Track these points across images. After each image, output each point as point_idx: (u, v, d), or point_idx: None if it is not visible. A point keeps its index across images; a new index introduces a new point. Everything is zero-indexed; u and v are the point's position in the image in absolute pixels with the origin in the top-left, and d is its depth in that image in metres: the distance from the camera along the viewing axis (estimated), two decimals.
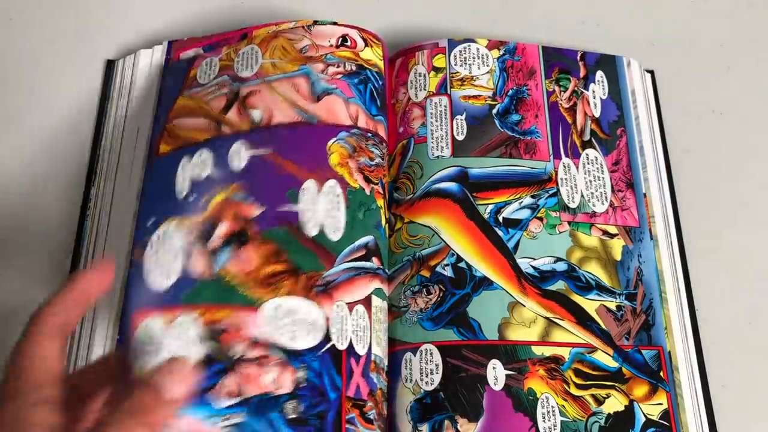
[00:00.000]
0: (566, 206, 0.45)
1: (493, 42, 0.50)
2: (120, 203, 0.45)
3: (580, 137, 0.48)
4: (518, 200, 0.45)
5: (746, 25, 0.57)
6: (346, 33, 0.47)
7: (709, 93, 0.54)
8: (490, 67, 0.49)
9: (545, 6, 0.57)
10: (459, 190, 0.45)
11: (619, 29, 0.56)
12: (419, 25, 0.55)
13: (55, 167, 0.48)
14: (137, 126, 0.47)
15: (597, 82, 0.50)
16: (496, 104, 0.48)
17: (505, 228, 0.44)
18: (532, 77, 0.49)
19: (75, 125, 0.49)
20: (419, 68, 0.49)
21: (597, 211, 0.46)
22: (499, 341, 0.41)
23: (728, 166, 0.51)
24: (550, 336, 0.42)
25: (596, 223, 0.45)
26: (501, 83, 0.49)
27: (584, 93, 0.49)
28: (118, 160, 0.47)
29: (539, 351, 0.41)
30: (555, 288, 0.43)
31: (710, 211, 0.50)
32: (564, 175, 0.46)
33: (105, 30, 0.53)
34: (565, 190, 0.46)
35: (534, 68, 0.49)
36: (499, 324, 0.42)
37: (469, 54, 0.49)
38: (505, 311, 0.42)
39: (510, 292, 0.42)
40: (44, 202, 0.47)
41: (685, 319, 0.45)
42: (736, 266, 0.48)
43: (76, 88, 0.50)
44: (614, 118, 0.49)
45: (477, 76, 0.48)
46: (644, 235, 0.46)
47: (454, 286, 0.43)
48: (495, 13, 0.56)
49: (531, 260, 0.44)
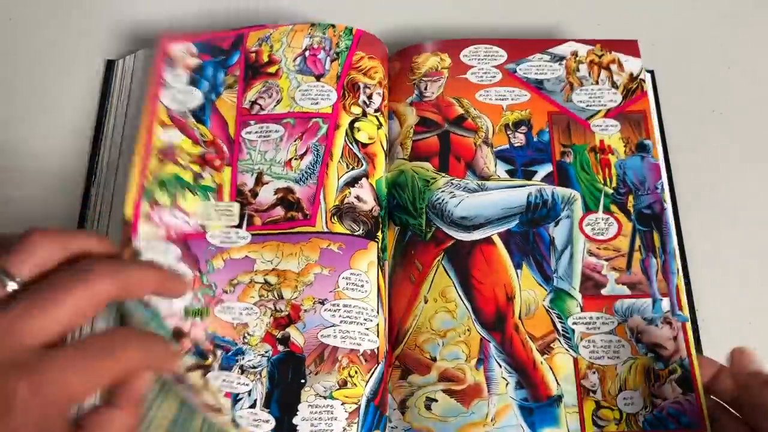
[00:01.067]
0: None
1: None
2: (120, 203, 0.45)
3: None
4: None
5: (746, 25, 0.57)
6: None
7: (709, 93, 0.54)
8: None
9: (545, 6, 0.57)
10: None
11: (619, 29, 0.56)
12: (419, 26, 0.55)
13: (55, 167, 0.48)
14: (137, 126, 0.47)
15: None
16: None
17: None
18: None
19: (75, 125, 0.49)
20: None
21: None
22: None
23: (728, 166, 0.51)
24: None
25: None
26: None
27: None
28: (118, 160, 0.47)
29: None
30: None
31: (710, 211, 0.50)
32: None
33: (105, 30, 0.53)
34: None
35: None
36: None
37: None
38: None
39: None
40: (44, 202, 0.47)
41: None
42: (736, 266, 0.48)
43: (76, 88, 0.51)
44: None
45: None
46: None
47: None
48: (495, 14, 0.56)
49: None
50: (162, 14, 0.54)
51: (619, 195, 0.45)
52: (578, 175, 0.45)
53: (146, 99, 0.44)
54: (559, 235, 0.44)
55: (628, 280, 0.42)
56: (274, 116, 0.45)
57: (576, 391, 0.40)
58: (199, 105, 0.45)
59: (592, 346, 0.41)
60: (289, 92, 0.46)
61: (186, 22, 0.54)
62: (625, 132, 0.46)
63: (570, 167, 0.46)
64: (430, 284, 0.43)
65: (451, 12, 0.56)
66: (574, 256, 0.43)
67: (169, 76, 0.45)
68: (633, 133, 0.47)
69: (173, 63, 0.46)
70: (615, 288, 0.42)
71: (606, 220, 0.44)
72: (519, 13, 0.56)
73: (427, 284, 0.43)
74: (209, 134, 0.44)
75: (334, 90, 0.46)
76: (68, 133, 0.49)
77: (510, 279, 0.43)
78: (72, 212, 0.46)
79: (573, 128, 0.47)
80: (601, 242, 0.43)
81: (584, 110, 0.47)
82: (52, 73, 0.51)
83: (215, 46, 0.47)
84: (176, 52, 0.46)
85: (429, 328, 0.41)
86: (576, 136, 0.47)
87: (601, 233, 0.44)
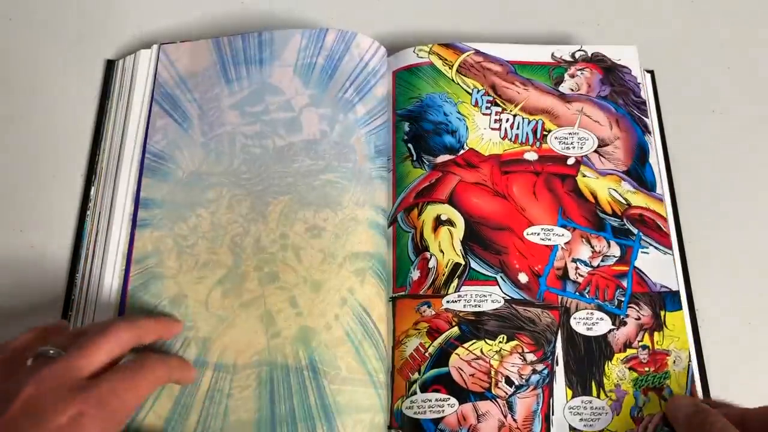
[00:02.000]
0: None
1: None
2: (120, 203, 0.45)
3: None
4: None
5: (746, 25, 0.57)
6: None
7: (709, 93, 0.54)
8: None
9: (545, 6, 0.57)
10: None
11: (619, 29, 0.56)
12: (419, 27, 0.55)
13: (55, 167, 0.48)
14: (137, 126, 0.47)
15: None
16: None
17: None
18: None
19: (75, 125, 0.49)
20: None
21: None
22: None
23: (728, 166, 0.51)
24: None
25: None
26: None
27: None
28: (118, 160, 0.47)
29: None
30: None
31: (710, 211, 0.49)
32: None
33: (105, 30, 0.53)
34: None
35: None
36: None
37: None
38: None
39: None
40: (44, 202, 0.47)
41: (685, 319, 0.44)
42: (736, 266, 0.48)
43: (76, 88, 0.51)
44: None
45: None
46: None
47: None
48: (495, 14, 0.56)
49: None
50: (162, 14, 0.54)
51: None
52: None
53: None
54: None
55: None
56: None
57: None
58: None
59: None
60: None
61: (186, 22, 0.54)
62: None
63: None
64: None
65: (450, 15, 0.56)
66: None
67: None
68: None
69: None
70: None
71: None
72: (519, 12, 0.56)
73: None
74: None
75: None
76: (68, 133, 0.49)
77: None
78: (72, 212, 0.46)
79: None
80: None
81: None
82: (52, 73, 0.51)
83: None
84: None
85: None
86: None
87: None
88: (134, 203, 0.45)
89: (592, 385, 0.41)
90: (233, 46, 0.49)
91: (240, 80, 0.48)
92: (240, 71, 0.48)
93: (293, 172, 0.45)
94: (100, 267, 0.43)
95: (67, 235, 0.46)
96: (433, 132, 0.47)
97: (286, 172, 0.45)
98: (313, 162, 0.45)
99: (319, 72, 0.48)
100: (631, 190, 0.46)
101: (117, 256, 0.43)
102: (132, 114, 0.48)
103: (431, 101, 0.48)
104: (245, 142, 0.46)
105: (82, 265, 0.44)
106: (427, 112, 0.48)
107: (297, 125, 0.47)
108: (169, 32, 0.53)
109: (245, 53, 0.49)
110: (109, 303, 0.42)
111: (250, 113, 0.47)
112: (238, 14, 0.55)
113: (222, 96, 0.48)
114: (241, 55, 0.49)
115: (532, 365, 0.41)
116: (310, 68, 0.48)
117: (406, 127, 0.47)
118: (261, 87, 0.48)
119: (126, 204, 0.45)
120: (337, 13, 0.55)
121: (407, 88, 0.48)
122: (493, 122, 0.48)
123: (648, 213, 0.46)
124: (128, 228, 0.44)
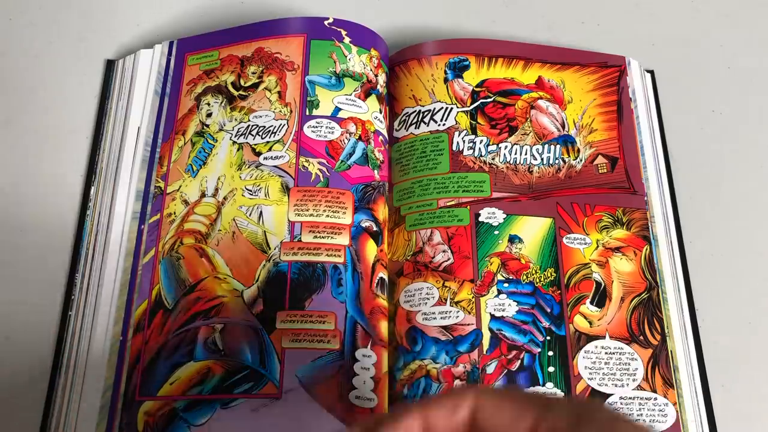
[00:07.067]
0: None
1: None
2: (119, 203, 0.45)
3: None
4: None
5: (746, 25, 0.57)
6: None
7: (709, 93, 0.54)
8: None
9: (545, 6, 0.57)
10: None
11: (619, 29, 0.56)
12: (419, 25, 0.55)
13: (55, 167, 0.48)
14: (137, 126, 0.47)
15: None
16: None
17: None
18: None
19: (75, 125, 0.49)
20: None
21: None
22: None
23: (728, 166, 0.51)
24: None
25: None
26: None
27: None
28: (118, 161, 0.47)
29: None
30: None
31: (710, 211, 0.49)
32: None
33: (105, 30, 0.53)
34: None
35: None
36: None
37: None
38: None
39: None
40: (44, 202, 0.47)
41: (685, 319, 0.44)
42: (736, 266, 0.48)
43: (76, 88, 0.50)
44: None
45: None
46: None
47: None
48: (495, 14, 0.56)
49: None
50: (162, 14, 0.54)
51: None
52: None
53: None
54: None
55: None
56: None
57: None
58: None
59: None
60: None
61: (186, 22, 0.54)
62: None
63: None
64: None
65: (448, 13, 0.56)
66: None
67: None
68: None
69: None
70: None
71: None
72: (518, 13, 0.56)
73: None
74: None
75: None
76: (68, 133, 0.49)
77: None
78: (72, 213, 0.46)
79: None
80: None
81: None
82: (52, 73, 0.51)
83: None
84: None
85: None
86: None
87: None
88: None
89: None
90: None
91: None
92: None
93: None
94: (100, 267, 0.43)
95: (67, 235, 0.46)
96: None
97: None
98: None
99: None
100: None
101: (117, 256, 0.43)
102: (132, 114, 0.48)
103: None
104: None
105: (82, 265, 0.44)
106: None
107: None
108: (169, 32, 0.53)
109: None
110: (109, 303, 0.42)
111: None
112: (238, 14, 0.55)
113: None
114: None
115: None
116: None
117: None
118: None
119: (126, 204, 0.45)
120: (337, 12, 0.54)
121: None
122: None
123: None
124: (128, 228, 0.44)
